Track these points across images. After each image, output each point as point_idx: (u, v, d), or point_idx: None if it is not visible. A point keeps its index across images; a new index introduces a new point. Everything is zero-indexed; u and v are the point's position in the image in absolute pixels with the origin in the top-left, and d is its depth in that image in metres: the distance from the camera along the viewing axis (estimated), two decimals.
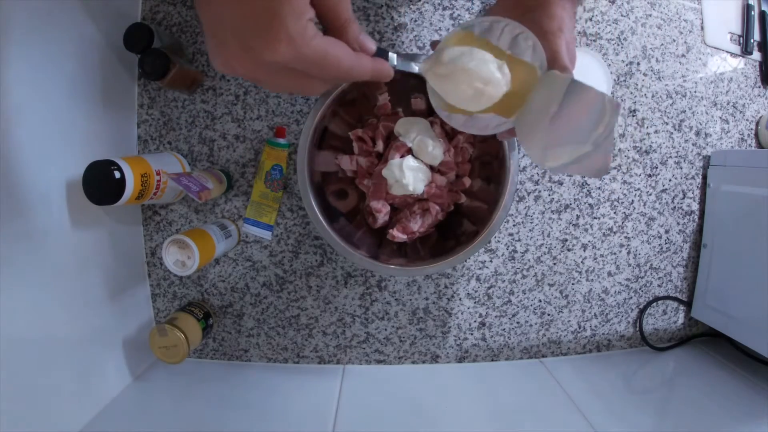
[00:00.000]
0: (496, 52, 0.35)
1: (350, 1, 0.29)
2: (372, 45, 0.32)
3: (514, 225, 0.64)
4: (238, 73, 0.28)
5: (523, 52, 0.35)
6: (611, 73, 0.63)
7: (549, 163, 0.35)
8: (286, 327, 0.64)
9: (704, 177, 0.67)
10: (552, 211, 0.64)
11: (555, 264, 0.65)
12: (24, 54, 0.43)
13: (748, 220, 0.58)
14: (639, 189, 0.66)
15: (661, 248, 0.67)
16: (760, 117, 0.68)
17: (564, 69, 0.35)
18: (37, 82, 0.44)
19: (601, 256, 0.66)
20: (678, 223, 0.67)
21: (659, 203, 0.66)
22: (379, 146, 0.57)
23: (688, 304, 0.68)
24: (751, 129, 0.68)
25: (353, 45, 0.30)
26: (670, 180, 0.66)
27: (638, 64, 0.64)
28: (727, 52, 0.66)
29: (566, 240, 0.65)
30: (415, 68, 0.37)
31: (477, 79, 0.35)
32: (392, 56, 0.35)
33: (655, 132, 0.65)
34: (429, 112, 0.60)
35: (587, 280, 0.66)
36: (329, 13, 0.28)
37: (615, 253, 0.66)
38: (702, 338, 0.70)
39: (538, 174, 0.63)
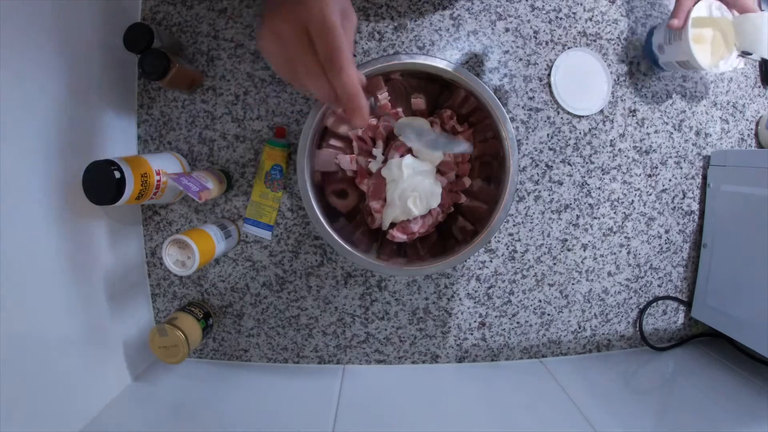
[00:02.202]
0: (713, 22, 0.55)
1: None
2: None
3: (514, 225, 0.64)
4: (277, 37, 0.35)
5: (721, 12, 0.55)
6: (611, 73, 0.63)
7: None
8: (286, 327, 0.64)
9: (704, 177, 0.67)
10: (552, 211, 0.64)
11: (555, 264, 0.65)
12: (24, 53, 0.43)
13: (748, 220, 0.58)
14: (639, 189, 0.66)
15: (661, 248, 0.67)
16: (760, 117, 0.68)
17: (753, 8, 0.53)
18: (37, 81, 0.44)
19: (601, 256, 0.66)
20: (678, 223, 0.67)
21: (659, 203, 0.66)
22: (379, 146, 0.57)
23: (688, 304, 0.68)
24: (751, 129, 0.68)
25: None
26: (670, 180, 0.66)
27: (638, 64, 0.64)
28: None
29: (566, 240, 0.65)
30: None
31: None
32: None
33: (655, 132, 0.65)
34: (429, 112, 0.60)
35: (587, 280, 0.66)
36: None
37: (615, 253, 0.66)
38: (702, 338, 0.70)
39: (538, 174, 0.64)
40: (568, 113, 0.63)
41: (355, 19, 0.37)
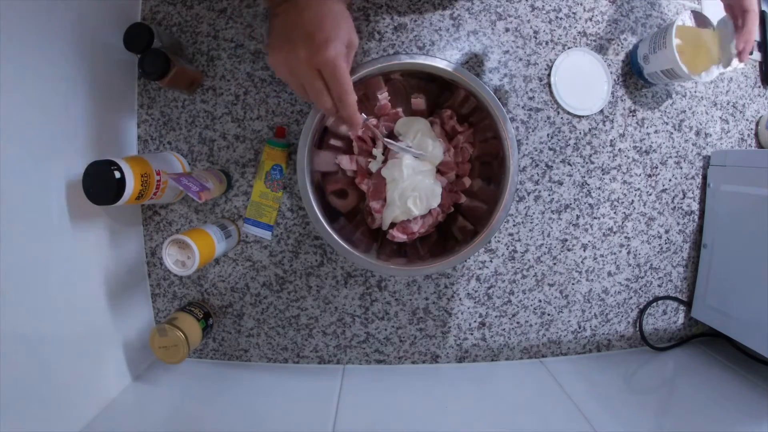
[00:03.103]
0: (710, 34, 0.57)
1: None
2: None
3: (514, 225, 0.64)
4: (290, 64, 0.40)
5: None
6: (611, 73, 0.63)
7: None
8: (286, 327, 0.64)
9: (704, 177, 0.67)
10: (552, 211, 0.64)
11: (555, 264, 0.65)
12: (24, 54, 0.43)
13: (748, 220, 0.58)
14: (639, 189, 0.66)
15: (661, 248, 0.67)
16: (760, 117, 0.68)
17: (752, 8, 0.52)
18: (37, 82, 0.44)
19: (601, 256, 0.66)
20: (678, 223, 0.67)
21: (659, 203, 0.66)
22: (379, 146, 0.57)
23: (688, 304, 0.68)
24: (751, 129, 0.68)
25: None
26: (670, 180, 0.66)
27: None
28: None
29: (566, 240, 0.65)
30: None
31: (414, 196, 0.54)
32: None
33: (655, 132, 0.65)
34: (429, 112, 0.60)
35: (587, 280, 0.66)
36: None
37: (615, 253, 0.66)
38: (702, 338, 0.70)
39: (538, 174, 0.64)
40: (568, 113, 0.63)
41: (356, 44, 0.42)
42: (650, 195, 0.66)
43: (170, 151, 0.60)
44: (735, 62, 0.55)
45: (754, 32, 0.51)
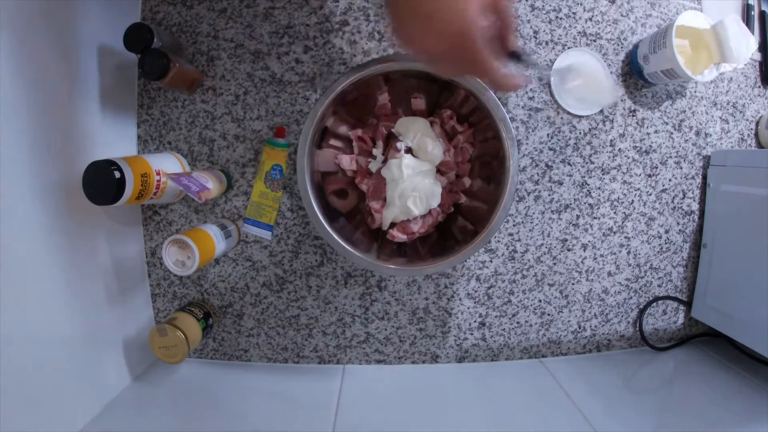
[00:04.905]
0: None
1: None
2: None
3: (514, 225, 0.64)
4: (424, 41, 0.36)
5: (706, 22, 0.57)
6: (611, 73, 0.63)
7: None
8: (286, 327, 0.64)
9: (704, 177, 0.67)
10: (552, 211, 0.64)
11: (555, 264, 0.65)
12: (24, 54, 0.43)
13: (748, 220, 0.58)
14: (639, 189, 0.66)
15: (661, 248, 0.67)
16: (760, 117, 0.68)
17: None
18: (37, 81, 0.44)
19: (601, 256, 0.66)
20: (678, 223, 0.67)
21: (659, 203, 0.66)
22: (379, 146, 0.57)
23: (688, 304, 0.68)
24: (751, 129, 0.68)
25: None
26: (670, 180, 0.66)
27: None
28: None
29: (566, 240, 0.65)
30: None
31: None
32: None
33: (655, 132, 0.65)
34: (429, 112, 0.60)
35: (587, 280, 0.66)
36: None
37: (615, 253, 0.66)
38: (702, 338, 0.70)
39: (538, 174, 0.64)
40: (568, 113, 0.63)
41: None
42: (650, 195, 0.66)
43: (170, 151, 0.60)
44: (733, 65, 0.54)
45: None
